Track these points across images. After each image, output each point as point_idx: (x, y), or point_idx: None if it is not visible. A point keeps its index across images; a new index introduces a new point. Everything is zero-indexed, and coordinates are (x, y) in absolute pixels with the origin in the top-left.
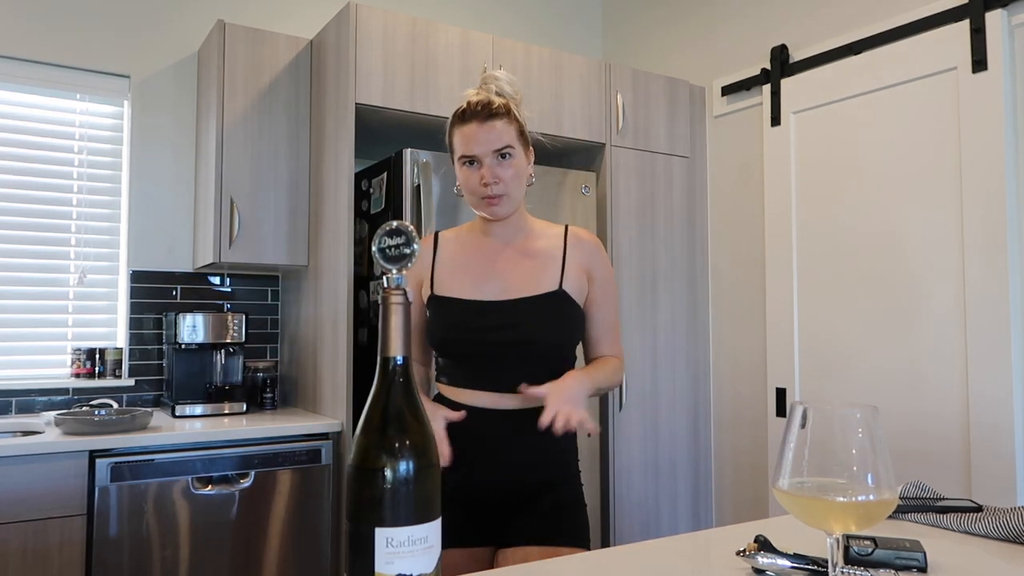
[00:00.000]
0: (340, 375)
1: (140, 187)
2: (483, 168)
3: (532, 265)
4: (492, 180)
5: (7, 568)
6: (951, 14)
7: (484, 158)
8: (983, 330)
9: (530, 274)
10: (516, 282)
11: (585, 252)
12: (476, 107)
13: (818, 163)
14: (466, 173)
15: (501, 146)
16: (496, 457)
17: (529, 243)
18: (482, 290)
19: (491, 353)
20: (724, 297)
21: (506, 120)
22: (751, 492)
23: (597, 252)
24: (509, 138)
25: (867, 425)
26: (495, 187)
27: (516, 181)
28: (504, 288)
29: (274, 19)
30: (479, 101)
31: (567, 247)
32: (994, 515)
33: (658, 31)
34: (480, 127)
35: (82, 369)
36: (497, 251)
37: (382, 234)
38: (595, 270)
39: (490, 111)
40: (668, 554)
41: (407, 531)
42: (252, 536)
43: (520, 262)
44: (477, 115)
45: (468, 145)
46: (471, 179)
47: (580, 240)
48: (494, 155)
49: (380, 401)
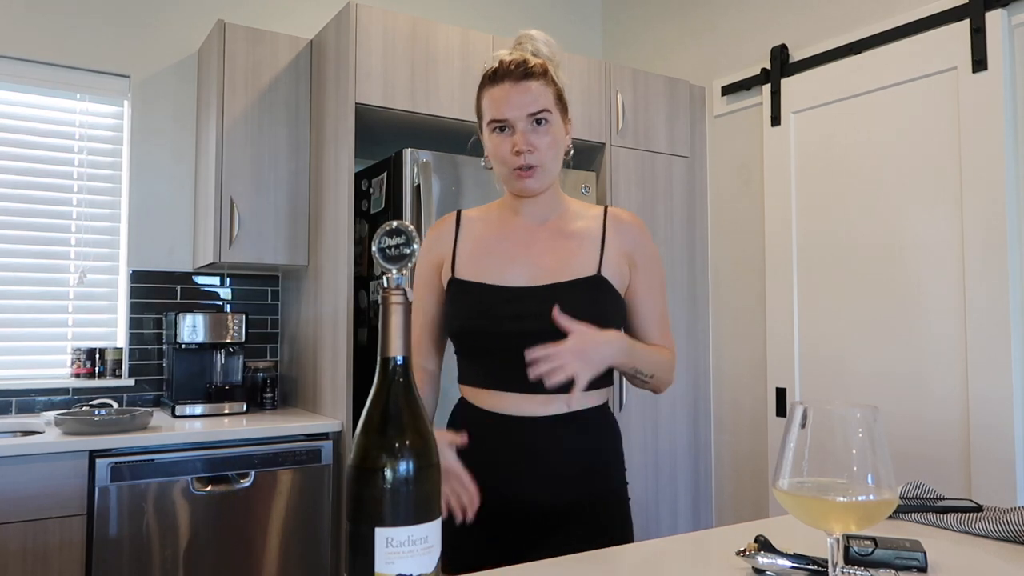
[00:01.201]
0: (340, 375)
1: (140, 187)
2: (516, 134)
3: (567, 248)
4: (526, 148)
5: (7, 568)
6: (951, 14)
7: (517, 123)
8: (983, 330)
9: (564, 257)
10: (548, 266)
11: (627, 235)
12: (509, 66)
13: (818, 163)
14: (496, 140)
15: (537, 109)
16: (524, 470)
17: (564, 223)
18: (509, 275)
19: (516, 346)
20: (724, 297)
21: (543, 82)
22: (751, 492)
23: (641, 235)
24: (546, 101)
25: (867, 425)
26: (528, 156)
27: (553, 151)
28: (534, 273)
29: (274, 19)
30: (513, 60)
31: (607, 229)
32: (994, 515)
33: (658, 31)
34: (514, 87)
35: (82, 369)
36: (528, 232)
37: (382, 234)
38: (638, 255)
39: (525, 70)
40: (668, 554)
41: (407, 531)
42: (252, 536)
43: (553, 244)
44: (510, 74)
45: (499, 108)
46: (501, 147)
47: (621, 221)
48: (528, 120)
49: (380, 401)
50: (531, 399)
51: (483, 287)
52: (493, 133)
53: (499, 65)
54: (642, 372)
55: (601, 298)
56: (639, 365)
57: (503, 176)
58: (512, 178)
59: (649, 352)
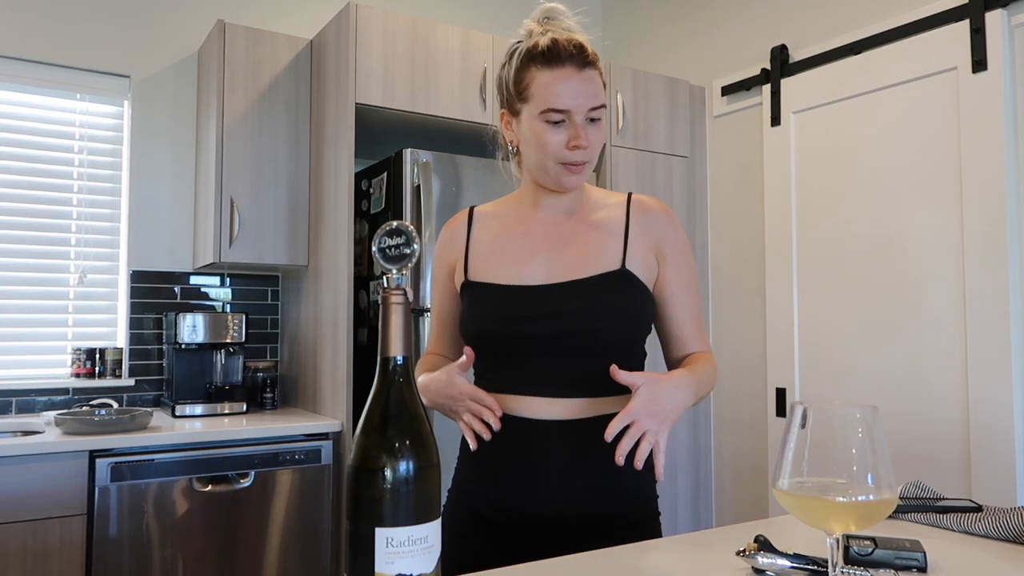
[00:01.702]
0: (340, 375)
1: (140, 187)
2: (572, 127)
3: (587, 241)
4: (584, 144)
5: (7, 568)
6: (951, 14)
7: (577, 115)
8: (983, 331)
9: (585, 252)
10: (568, 262)
11: (653, 224)
12: (570, 48)
13: (818, 163)
14: (547, 130)
15: (598, 104)
16: (542, 482)
17: (584, 215)
18: (527, 273)
19: (534, 349)
20: (724, 297)
21: (599, 72)
22: (751, 492)
23: (669, 224)
24: (604, 96)
25: (867, 425)
26: (582, 153)
27: (600, 147)
28: (553, 269)
29: (274, 19)
30: (572, 40)
31: (630, 218)
32: (994, 515)
33: (658, 31)
34: (578, 75)
35: (82, 369)
36: (548, 225)
37: (382, 234)
38: (666, 245)
39: (586, 58)
40: (668, 554)
41: (407, 531)
42: (252, 536)
43: (573, 239)
44: (573, 59)
45: (562, 97)
46: (554, 140)
47: (647, 210)
48: (588, 115)
49: (380, 401)
50: (554, 403)
51: (499, 288)
52: (545, 122)
53: (553, 44)
54: (701, 399)
55: (628, 295)
56: (701, 395)
57: (545, 168)
58: (560, 172)
59: (703, 373)
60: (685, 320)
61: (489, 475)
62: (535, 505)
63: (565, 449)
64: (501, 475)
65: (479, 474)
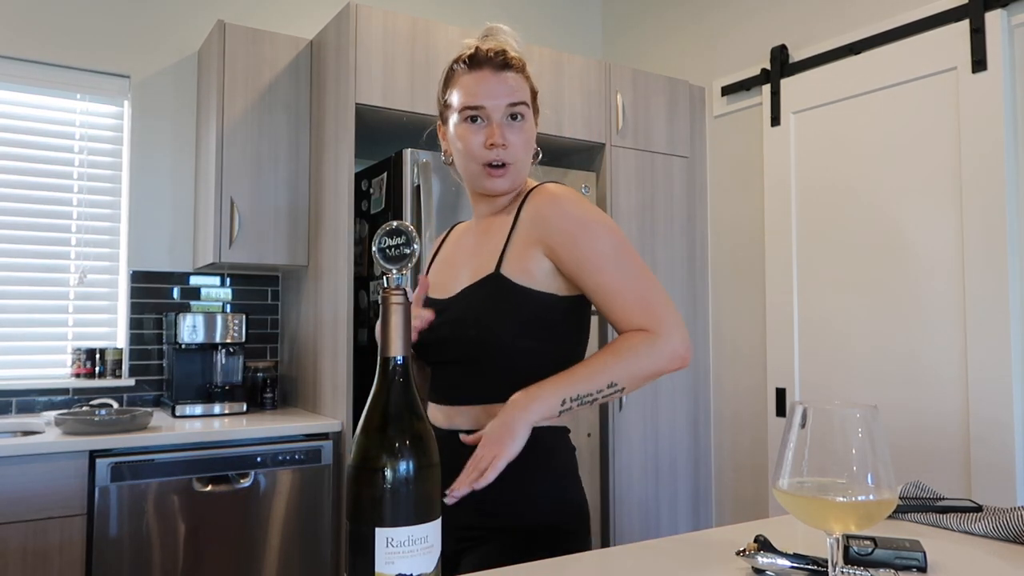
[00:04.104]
0: (340, 375)
1: (140, 187)
2: (491, 126)
3: (486, 246)
4: (501, 142)
5: (7, 568)
6: (951, 14)
7: (493, 114)
8: (983, 331)
9: (481, 258)
10: (471, 270)
11: (535, 217)
12: (488, 53)
13: (818, 163)
14: (467, 131)
15: (516, 100)
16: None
17: (493, 219)
18: (446, 287)
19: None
20: (724, 297)
21: (522, 76)
22: (751, 492)
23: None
24: (524, 95)
25: (867, 425)
26: (502, 152)
27: (525, 150)
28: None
29: (274, 19)
30: (492, 48)
31: (518, 216)
32: (994, 515)
33: (658, 31)
34: (493, 76)
35: (82, 369)
36: (478, 234)
37: (382, 234)
38: (550, 234)
39: (505, 60)
40: (668, 554)
41: (407, 531)
42: (252, 536)
43: (477, 246)
44: (490, 62)
45: (475, 95)
46: (473, 140)
47: (533, 203)
48: (505, 112)
49: (380, 401)
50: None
51: (429, 301)
52: (464, 123)
53: (476, 51)
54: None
55: (499, 299)
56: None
57: (470, 172)
58: (481, 175)
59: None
60: (606, 300)
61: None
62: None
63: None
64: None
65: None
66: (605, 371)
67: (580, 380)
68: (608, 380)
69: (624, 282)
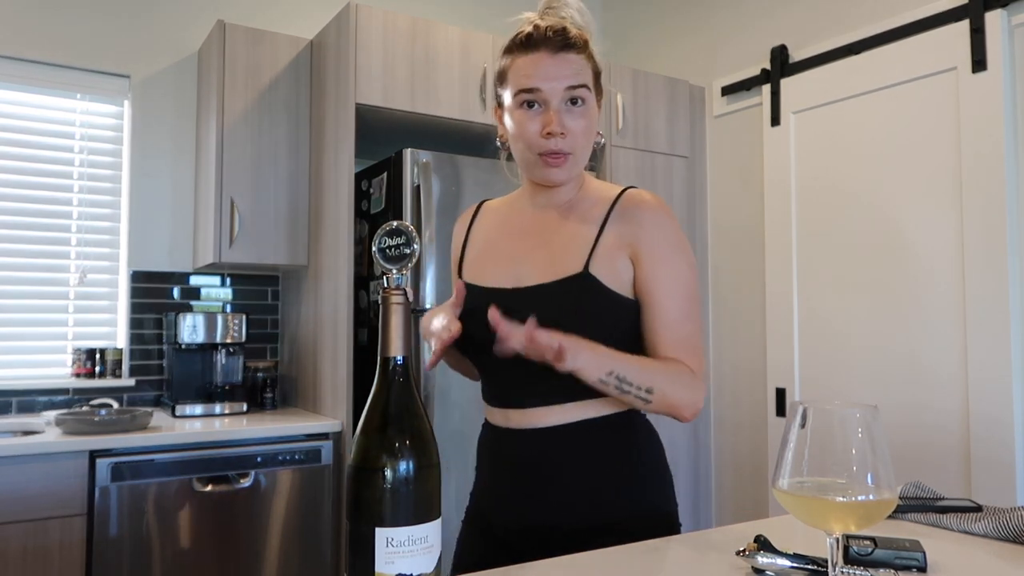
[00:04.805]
0: (340, 375)
1: (140, 187)
2: (549, 112)
3: (560, 241)
4: (559, 130)
5: (7, 568)
6: (951, 14)
7: (552, 98)
8: (983, 331)
9: (556, 253)
10: (540, 264)
11: (632, 220)
12: (547, 32)
13: (818, 163)
14: (523, 117)
15: (577, 83)
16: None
17: (570, 212)
18: (505, 275)
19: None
20: (724, 297)
21: (584, 56)
22: (751, 492)
23: (653, 220)
24: (586, 77)
25: (867, 425)
26: (560, 141)
27: (586, 138)
28: (526, 272)
29: (274, 19)
30: (551, 26)
31: (610, 215)
32: (994, 515)
33: (658, 31)
34: (551, 58)
35: (82, 369)
36: (536, 225)
37: (382, 234)
38: (643, 243)
39: (566, 39)
40: (668, 554)
41: (407, 531)
42: (252, 536)
43: (551, 238)
44: (548, 42)
45: (532, 76)
46: (529, 126)
47: (629, 205)
48: (564, 96)
49: (380, 401)
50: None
51: (478, 290)
52: (520, 108)
53: (533, 30)
54: (637, 386)
55: (586, 301)
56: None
57: (526, 161)
58: (538, 164)
59: (648, 365)
60: (660, 324)
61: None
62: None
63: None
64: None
65: (477, 481)
66: (652, 375)
67: (633, 366)
68: (649, 384)
69: (682, 317)
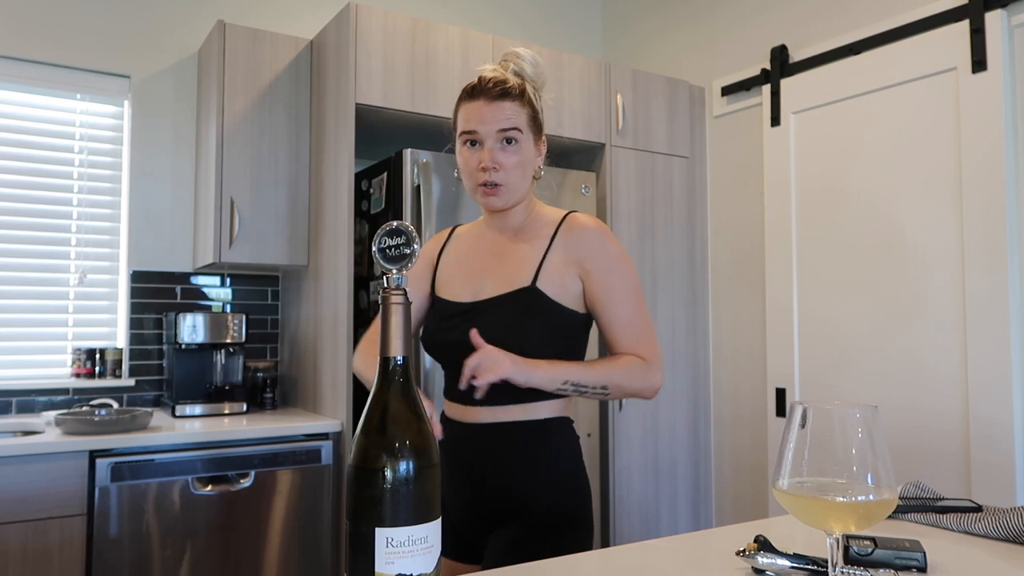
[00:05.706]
0: (340, 375)
1: (140, 187)
2: (484, 150)
3: (514, 260)
4: (491, 165)
5: (7, 568)
6: (951, 14)
7: (486, 139)
8: (983, 331)
9: (509, 270)
10: (496, 280)
11: (576, 241)
12: (487, 83)
13: (818, 163)
14: (466, 154)
15: (507, 126)
16: (467, 477)
17: (522, 234)
18: (466, 290)
19: (454, 359)
20: (724, 297)
21: (519, 103)
22: (751, 492)
23: (596, 240)
24: (517, 120)
25: (867, 425)
26: (494, 174)
27: (519, 171)
28: (485, 287)
29: (274, 19)
30: (492, 78)
31: (555, 237)
32: (994, 515)
33: (658, 31)
34: (487, 105)
35: (82, 369)
36: (494, 246)
37: (382, 234)
38: (589, 261)
39: (503, 89)
40: (668, 554)
41: (407, 531)
42: (252, 536)
43: (505, 257)
44: (486, 92)
45: (470, 121)
46: (470, 161)
47: (572, 228)
48: (498, 137)
49: (380, 401)
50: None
51: (444, 303)
52: (464, 146)
53: (478, 81)
54: (591, 385)
55: (531, 311)
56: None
57: (469, 189)
58: (477, 193)
59: (598, 366)
60: (616, 327)
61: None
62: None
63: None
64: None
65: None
66: (604, 374)
67: (585, 372)
68: (604, 382)
69: (634, 316)
